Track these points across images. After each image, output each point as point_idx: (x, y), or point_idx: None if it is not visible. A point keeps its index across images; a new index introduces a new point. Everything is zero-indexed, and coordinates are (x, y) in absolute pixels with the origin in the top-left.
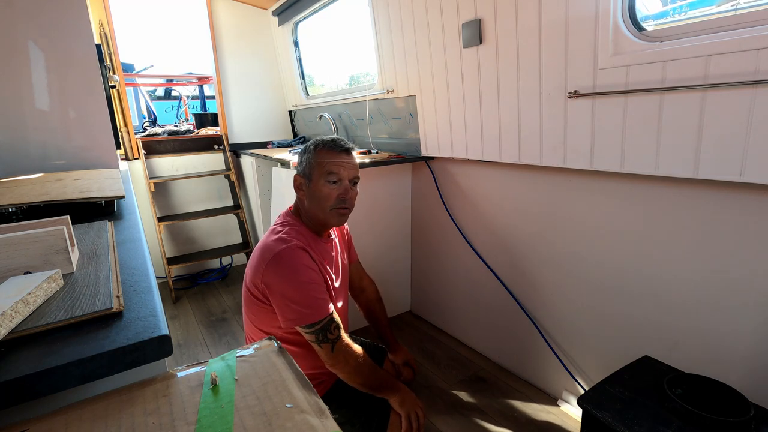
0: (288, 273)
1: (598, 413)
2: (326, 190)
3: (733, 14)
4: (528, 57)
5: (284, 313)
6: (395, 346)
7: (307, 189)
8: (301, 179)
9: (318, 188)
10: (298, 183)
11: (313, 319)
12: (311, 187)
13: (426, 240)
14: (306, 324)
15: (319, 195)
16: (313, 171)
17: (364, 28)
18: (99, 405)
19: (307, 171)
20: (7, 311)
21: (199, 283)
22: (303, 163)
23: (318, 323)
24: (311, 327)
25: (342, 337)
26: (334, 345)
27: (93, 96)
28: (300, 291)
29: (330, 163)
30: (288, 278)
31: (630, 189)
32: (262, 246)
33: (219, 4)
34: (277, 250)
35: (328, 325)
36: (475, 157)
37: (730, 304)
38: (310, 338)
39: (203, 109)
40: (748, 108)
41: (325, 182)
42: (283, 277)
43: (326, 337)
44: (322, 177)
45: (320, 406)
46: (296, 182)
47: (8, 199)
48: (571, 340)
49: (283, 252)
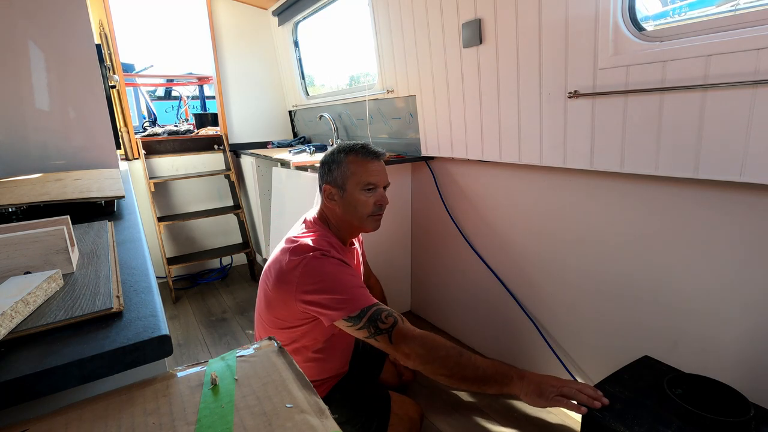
0: (325, 273)
1: (598, 413)
2: (363, 198)
3: (733, 14)
4: (528, 57)
5: (326, 309)
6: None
7: (341, 198)
8: (333, 189)
9: (354, 197)
10: (329, 193)
11: (355, 308)
12: (346, 197)
13: (426, 240)
14: (348, 316)
15: (356, 203)
16: (347, 180)
17: (364, 28)
18: (99, 405)
19: (340, 181)
20: (7, 311)
21: (199, 283)
22: (333, 172)
23: (363, 313)
24: (357, 319)
25: (399, 325)
26: (390, 334)
27: (93, 96)
28: (338, 283)
29: (366, 173)
30: (325, 277)
31: (630, 189)
32: (292, 250)
33: (219, 4)
34: (310, 256)
35: (377, 314)
36: (475, 157)
37: (731, 304)
38: (362, 335)
39: (203, 109)
40: (748, 108)
41: (362, 191)
42: (321, 277)
43: (379, 328)
44: (358, 186)
45: (320, 406)
46: (327, 192)
47: (8, 199)
48: (571, 339)
49: (317, 258)
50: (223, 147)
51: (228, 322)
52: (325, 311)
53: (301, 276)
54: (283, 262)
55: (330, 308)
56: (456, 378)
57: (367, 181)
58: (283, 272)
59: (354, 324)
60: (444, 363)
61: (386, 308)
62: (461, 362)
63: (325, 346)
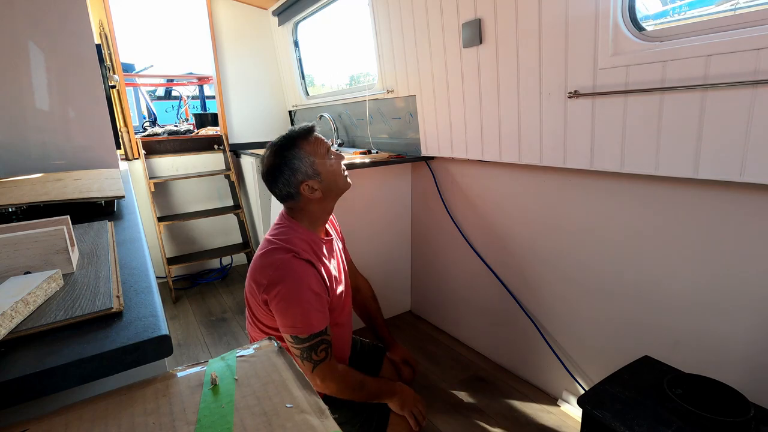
0: (292, 283)
1: (598, 413)
2: (333, 166)
3: (732, 14)
4: (528, 57)
5: (282, 318)
6: (393, 344)
7: (321, 184)
8: (311, 181)
9: (330, 172)
10: (310, 188)
11: (305, 332)
12: (324, 178)
13: (426, 240)
14: (297, 336)
15: (333, 176)
16: (315, 163)
17: (364, 28)
18: (99, 405)
19: (311, 170)
20: (7, 311)
21: (199, 283)
22: (299, 168)
23: (310, 339)
24: (300, 341)
25: (327, 361)
26: (315, 365)
27: (93, 96)
28: (301, 300)
29: (320, 146)
30: (291, 289)
31: (630, 189)
32: (263, 254)
33: (219, 4)
34: (278, 262)
35: (317, 346)
36: (475, 157)
37: (731, 304)
38: (295, 352)
39: (203, 109)
40: (748, 108)
41: (329, 161)
42: (287, 287)
43: (310, 357)
44: (324, 161)
45: (320, 406)
46: (307, 189)
47: (8, 199)
48: (571, 339)
49: (287, 262)
50: (223, 147)
51: (228, 322)
52: (281, 319)
53: (270, 280)
54: (256, 264)
55: (285, 320)
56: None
57: (325, 151)
58: (255, 274)
59: (295, 343)
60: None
61: (327, 340)
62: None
63: None
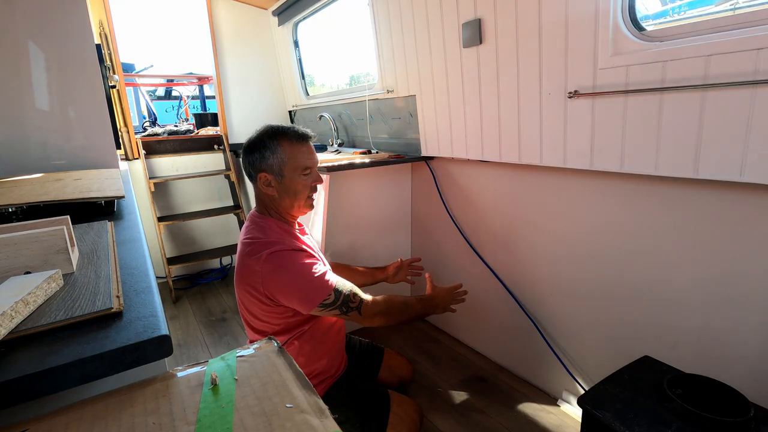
0: (287, 268)
1: (598, 413)
2: (302, 182)
3: (732, 14)
4: (528, 57)
5: (301, 303)
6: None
7: (279, 185)
8: (269, 176)
9: (293, 184)
10: (266, 180)
11: (323, 295)
12: (284, 183)
13: (426, 240)
14: (322, 302)
15: (295, 188)
16: (284, 166)
17: (364, 28)
18: (99, 405)
19: (277, 167)
20: (7, 311)
21: (198, 283)
22: (267, 159)
23: (334, 299)
24: (331, 304)
25: (364, 300)
26: (360, 310)
27: (93, 96)
28: (302, 275)
29: (303, 157)
30: (288, 273)
31: (630, 189)
32: (248, 252)
33: (219, 4)
34: (266, 254)
35: (345, 297)
36: (475, 157)
37: (730, 304)
38: (335, 314)
39: (203, 109)
40: (747, 108)
41: (300, 175)
42: (284, 274)
43: (349, 308)
44: (296, 171)
45: (320, 406)
46: (263, 180)
47: (8, 199)
48: (571, 339)
49: (275, 254)
50: (223, 147)
51: (228, 322)
52: (301, 304)
53: (265, 277)
54: (244, 266)
55: (304, 300)
56: (404, 323)
57: (305, 165)
58: (245, 276)
59: (328, 309)
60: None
61: (347, 285)
62: (407, 312)
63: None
